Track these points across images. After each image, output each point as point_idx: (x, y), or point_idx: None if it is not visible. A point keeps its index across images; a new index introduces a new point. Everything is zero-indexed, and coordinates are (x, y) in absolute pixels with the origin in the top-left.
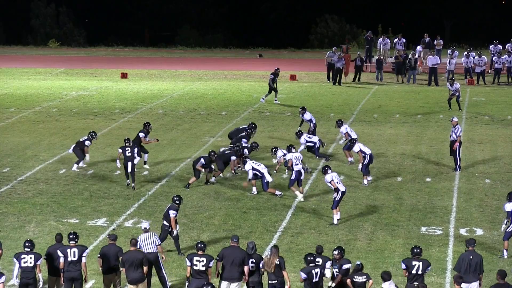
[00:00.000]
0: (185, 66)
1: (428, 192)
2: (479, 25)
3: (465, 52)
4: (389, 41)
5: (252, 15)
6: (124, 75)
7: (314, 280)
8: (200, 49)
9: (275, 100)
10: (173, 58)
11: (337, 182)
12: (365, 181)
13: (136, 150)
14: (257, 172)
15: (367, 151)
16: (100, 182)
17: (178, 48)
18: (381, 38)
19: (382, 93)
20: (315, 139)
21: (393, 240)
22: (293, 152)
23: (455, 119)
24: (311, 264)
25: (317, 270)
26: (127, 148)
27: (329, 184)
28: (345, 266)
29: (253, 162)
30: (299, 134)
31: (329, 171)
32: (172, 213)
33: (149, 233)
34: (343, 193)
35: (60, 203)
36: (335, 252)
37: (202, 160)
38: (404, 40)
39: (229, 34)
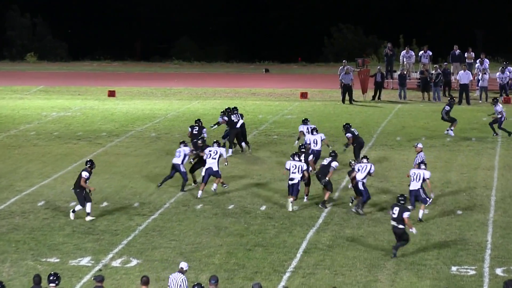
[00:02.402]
0: (181, 83)
1: (459, 227)
2: None
3: (500, 67)
4: (413, 53)
5: (258, 25)
6: (111, 93)
7: None
8: (199, 64)
9: (449, 131)
10: (168, 73)
11: None
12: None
13: None
14: None
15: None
16: (84, 216)
17: (174, 62)
18: (404, 51)
19: (405, 113)
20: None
21: (420, 282)
22: (293, 160)
23: (420, 145)
24: None
25: None
26: None
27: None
28: None
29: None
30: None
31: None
32: (406, 214)
33: (182, 275)
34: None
35: (39, 239)
36: None
37: None
38: (430, 53)
39: (232, 46)
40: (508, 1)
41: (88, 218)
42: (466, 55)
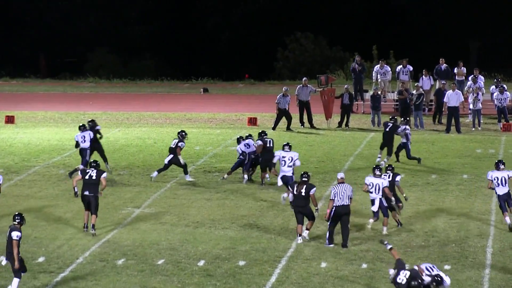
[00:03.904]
0: (98, 106)
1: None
2: None
3: (494, 86)
4: (389, 69)
5: (194, 35)
6: (9, 119)
7: None
8: (120, 82)
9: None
10: (81, 94)
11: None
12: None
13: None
14: None
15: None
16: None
17: (88, 80)
18: (378, 66)
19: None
20: None
21: None
22: (372, 176)
23: (341, 175)
24: None
25: None
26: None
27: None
28: None
29: None
30: None
31: None
32: None
33: None
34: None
35: None
36: None
37: None
38: (411, 68)
39: (162, 60)
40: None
41: None
42: (455, 70)
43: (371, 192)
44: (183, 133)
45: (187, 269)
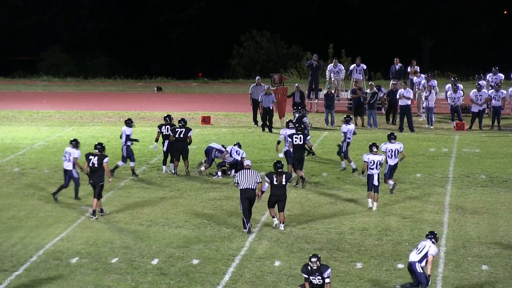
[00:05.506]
0: (51, 105)
1: (401, 284)
2: (473, 45)
3: (450, 84)
4: (343, 67)
5: (146, 33)
6: None
7: None
8: (73, 80)
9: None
10: (35, 92)
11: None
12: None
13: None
14: None
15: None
16: None
17: (42, 78)
18: (332, 64)
19: (333, 143)
20: None
21: None
22: (371, 154)
23: (248, 162)
24: None
25: None
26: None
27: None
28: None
29: None
30: None
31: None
32: None
33: None
34: None
35: None
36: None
37: None
38: (365, 67)
39: (115, 59)
40: (461, 3)
41: None
42: (409, 69)
43: (372, 169)
44: (168, 118)
45: (140, 268)
